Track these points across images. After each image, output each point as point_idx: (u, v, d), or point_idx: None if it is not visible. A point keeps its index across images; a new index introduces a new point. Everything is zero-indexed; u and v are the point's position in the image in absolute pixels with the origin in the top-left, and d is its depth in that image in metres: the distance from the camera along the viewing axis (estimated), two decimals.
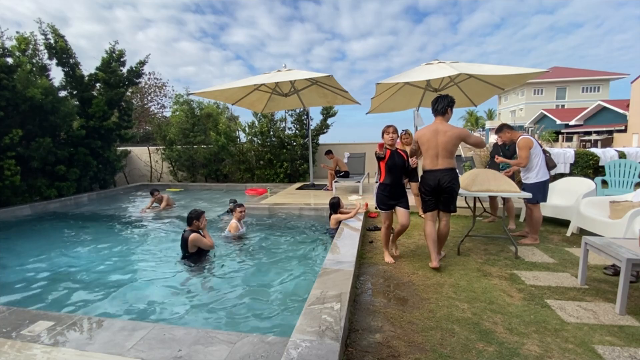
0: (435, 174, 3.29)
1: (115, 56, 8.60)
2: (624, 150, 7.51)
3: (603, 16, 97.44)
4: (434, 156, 3.30)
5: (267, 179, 10.11)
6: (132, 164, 11.52)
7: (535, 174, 4.00)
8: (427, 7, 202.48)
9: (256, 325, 2.59)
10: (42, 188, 7.30)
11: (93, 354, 1.92)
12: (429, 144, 3.30)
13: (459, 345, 2.12)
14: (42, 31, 7.58)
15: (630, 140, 19.84)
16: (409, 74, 5.75)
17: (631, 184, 5.96)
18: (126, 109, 9.29)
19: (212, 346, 1.95)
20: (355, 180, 7.33)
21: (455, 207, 3.35)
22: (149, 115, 19.51)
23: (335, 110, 10.19)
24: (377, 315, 2.50)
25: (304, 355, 1.75)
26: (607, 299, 2.69)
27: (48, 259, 4.23)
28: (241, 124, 10.78)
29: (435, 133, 3.28)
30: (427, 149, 3.32)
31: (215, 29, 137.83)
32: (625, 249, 2.55)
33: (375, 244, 4.21)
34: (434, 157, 3.31)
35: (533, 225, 4.12)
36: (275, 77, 6.39)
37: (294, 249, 4.31)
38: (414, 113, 7.31)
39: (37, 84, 6.92)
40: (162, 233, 5.35)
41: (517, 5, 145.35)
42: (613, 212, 3.95)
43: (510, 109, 45.88)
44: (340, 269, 2.89)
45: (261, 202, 6.65)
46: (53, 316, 2.36)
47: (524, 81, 6.42)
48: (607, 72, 40.26)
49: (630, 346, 2.09)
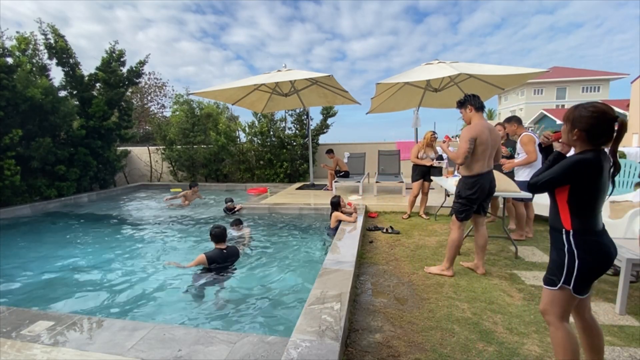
0: (489, 176, 3.06)
1: (115, 56, 8.60)
2: (624, 150, 7.52)
3: (603, 16, 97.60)
4: (489, 157, 3.03)
5: (267, 179, 10.10)
6: (132, 164, 11.51)
7: (530, 172, 4.00)
8: (428, 7, 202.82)
9: (256, 325, 2.59)
10: (42, 188, 7.30)
11: (93, 354, 1.92)
12: (487, 143, 2.94)
13: (459, 345, 2.12)
14: (42, 31, 7.59)
15: (630, 140, 19.84)
16: (409, 74, 5.76)
17: (631, 184, 5.96)
18: (126, 109, 9.30)
19: (212, 346, 1.95)
20: (355, 180, 7.33)
21: None
22: (149, 115, 19.50)
23: (335, 110, 10.19)
24: (377, 315, 2.50)
25: (304, 355, 1.75)
26: (607, 299, 2.69)
27: (48, 258, 4.22)
28: (241, 124, 10.79)
29: (489, 131, 2.97)
30: (485, 148, 2.94)
31: (215, 29, 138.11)
32: (625, 249, 2.55)
33: (375, 244, 4.21)
34: (489, 158, 3.03)
35: (519, 221, 4.23)
36: (275, 77, 6.39)
37: (293, 249, 4.31)
38: (413, 113, 7.31)
39: (37, 84, 6.92)
40: (162, 233, 5.35)
41: (517, 5, 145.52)
42: (613, 212, 3.95)
43: (510, 109, 45.86)
44: (340, 269, 2.89)
45: (261, 202, 6.65)
46: (53, 316, 2.36)
47: (524, 81, 6.42)
48: (607, 72, 40.27)
49: (630, 346, 2.09)
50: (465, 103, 3.10)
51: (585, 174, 1.54)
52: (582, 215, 1.58)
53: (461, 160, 2.98)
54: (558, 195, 1.65)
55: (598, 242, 1.57)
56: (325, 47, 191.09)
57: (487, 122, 3.05)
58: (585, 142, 1.56)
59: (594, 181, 1.54)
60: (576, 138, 1.57)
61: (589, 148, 1.56)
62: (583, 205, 1.58)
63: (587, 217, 1.58)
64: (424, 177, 5.38)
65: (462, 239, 3.20)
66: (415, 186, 5.41)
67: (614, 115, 1.49)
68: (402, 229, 4.83)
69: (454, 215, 3.18)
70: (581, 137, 1.56)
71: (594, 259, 1.56)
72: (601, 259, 1.57)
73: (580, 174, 1.54)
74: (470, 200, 3.06)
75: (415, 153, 5.43)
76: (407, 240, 4.34)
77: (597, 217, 1.59)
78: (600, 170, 1.52)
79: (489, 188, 3.07)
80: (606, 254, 1.57)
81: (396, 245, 4.14)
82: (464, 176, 3.13)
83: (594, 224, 1.58)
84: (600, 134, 1.51)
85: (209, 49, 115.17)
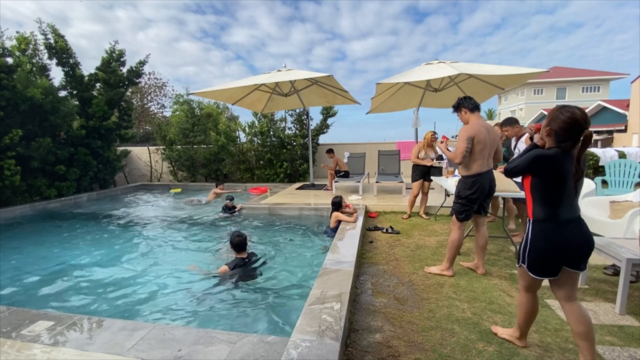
0: (488, 175, 3.04)
1: (115, 56, 8.60)
2: (624, 150, 7.51)
3: (603, 16, 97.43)
4: (488, 156, 3.03)
5: (267, 179, 10.10)
6: (132, 164, 11.51)
7: None
8: (428, 7, 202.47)
9: (256, 324, 2.59)
10: (42, 188, 7.30)
11: (93, 354, 1.92)
12: (485, 142, 2.94)
13: (459, 345, 2.12)
14: (42, 31, 7.59)
15: (630, 140, 19.82)
16: (409, 74, 5.76)
17: (631, 184, 5.96)
18: (126, 109, 9.30)
19: (212, 346, 1.95)
20: (355, 180, 7.33)
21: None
22: (149, 115, 19.51)
23: (335, 110, 10.19)
24: (377, 315, 2.50)
25: (304, 355, 1.75)
26: (607, 299, 2.69)
27: (48, 258, 4.23)
28: (241, 124, 10.80)
29: (487, 130, 2.97)
30: (483, 147, 2.95)
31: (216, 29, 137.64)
32: (625, 249, 2.55)
33: (375, 244, 4.21)
34: (488, 157, 3.03)
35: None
36: (275, 77, 6.39)
37: (293, 249, 4.31)
38: (413, 114, 7.32)
39: (37, 84, 6.92)
40: (163, 233, 5.35)
41: (517, 5, 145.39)
42: (613, 212, 3.95)
43: (510, 109, 45.86)
44: (340, 269, 2.89)
45: (261, 202, 6.65)
46: (53, 316, 2.36)
47: (524, 81, 6.42)
48: (607, 72, 40.23)
49: (630, 346, 2.09)
50: (459, 107, 3.13)
51: (543, 167, 1.76)
52: (542, 206, 1.81)
53: (459, 160, 2.99)
54: (525, 187, 1.90)
55: (554, 231, 1.77)
56: (326, 47, 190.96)
57: (484, 122, 3.05)
58: (553, 140, 1.76)
59: (552, 175, 1.75)
60: (547, 134, 1.79)
61: (554, 146, 1.76)
62: (541, 197, 1.81)
63: (547, 208, 1.79)
64: (424, 177, 5.39)
65: (462, 239, 3.20)
66: (415, 186, 5.41)
67: (585, 126, 1.67)
68: (402, 229, 4.83)
69: (454, 215, 3.17)
70: (551, 134, 1.76)
71: (544, 245, 1.79)
72: (553, 246, 1.77)
73: (539, 166, 1.77)
74: (470, 200, 3.06)
75: (415, 153, 5.43)
76: (407, 240, 4.34)
77: (559, 208, 1.77)
78: (557, 167, 1.72)
79: (489, 188, 3.07)
80: (560, 243, 1.76)
81: (396, 245, 4.14)
82: (463, 176, 3.13)
83: (555, 215, 1.77)
84: (566, 138, 1.70)
85: (209, 49, 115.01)
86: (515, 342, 2.10)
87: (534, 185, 1.83)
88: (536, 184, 1.82)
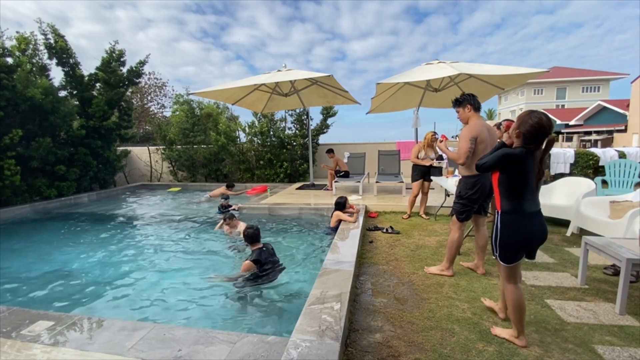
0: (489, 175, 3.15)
1: (115, 56, 8.60)
2: (624, 150, 7.50)
3: (603, 16, 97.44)
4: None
5: (267, 179, 10.10)
6: (132, 163, 11.51)
7: None
8: (428, 7, 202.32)
9: (256, 325, 2.59)
10: (42, 188, 7.30)
11: (93, 354, 1.92)
12: (486, 142, 2.93)
13: (459, 345, 2.12)
14: (42, 31, 7.59)
15: (630, 140, 19.82)
16: (409, 74, 5.76)
17: (631, 184, 5.96)
18: (126, 109, 9.30)
19: (212, 346, 1.95)
20: (355, 180, 7.33)
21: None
22: (149, 115, 19.52)
23: (335, 110, 10.18)
24: (377, 315, 2.50)
25: (304, 355, 1.75)
26: (607, 299, 2.69)
27: (48, 259, 4.23)
28: (241, 124, 10.79)
29: (487, 130, 2.98)
30: (485, 147, 2.93)
31: (216, 29, 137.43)
32: (625, 249, 2.55)
33: (375, 243, 4.21)
34: None
35: None
36: (275, 77, 6.39)
37: (293, 249, 4.30)
38: (413, 114, 7.31)
39: (37, 84, 6.92)
40: (163, 233, 5.35)
41: (517, 5, 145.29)
42: (613, 212, 3.95)
43: (511, 109, 45.86)
44: (340, 269, 2.89)
45: (261, 202, 6.65)
46: (53, 316, 2.36)
47: (524, 81, 6.42)
48: (607, 72, 40.24)
49: (630, 346, 2.09)
50: (464, 102, 3.07)
51: (509, 165, 1.95)
52: (508, 199, 2.00)
53: (463, 160, 2.98)
54: (494, 182, 2.07)
55: (520, 222, 1.98)
56: (326, 47, 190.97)
57: (484, 122, 3.05)
58: (521, 142, 1.93)
59: (516, 172, 1.94)
60: (516, 136, 1.95)
61: (520, 146, 1.93)
62: (507, 191, 2.00)
63: (513, 201, 1.98)
64: (423, 177, 5.38)
65: (462, 239, 3.20)
66: (415, 186, 5.41)
67: (549, 132, 1.87)
68: (402, 229, 4.83)
69: (455, 215, 3.17)
70: (520, 136, 1.92)
71: (511, 234, 1.99)
72: (520, 236, 1.98)
73: (505, 163, 1.96)
74: (471, 201, 3.06)
75: (415, 153, 5.43)
76: (407, 240, 4.34)
77: (524, 202, 1.96)
78: (521, 165, 1.91)
79: (490, 187, 3.06)
80: (526, 233, 1.97)
81: (396, 245, 4.14)
82: (464, 176, 3.13)
83: (520, 208, 1.97)
84: (532, 140, 1.88)
85: (209, 49, 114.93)
86: (514, 341, 2.10)
87: (501, 181, 2.01)
88: (503, 179, 2.00)
